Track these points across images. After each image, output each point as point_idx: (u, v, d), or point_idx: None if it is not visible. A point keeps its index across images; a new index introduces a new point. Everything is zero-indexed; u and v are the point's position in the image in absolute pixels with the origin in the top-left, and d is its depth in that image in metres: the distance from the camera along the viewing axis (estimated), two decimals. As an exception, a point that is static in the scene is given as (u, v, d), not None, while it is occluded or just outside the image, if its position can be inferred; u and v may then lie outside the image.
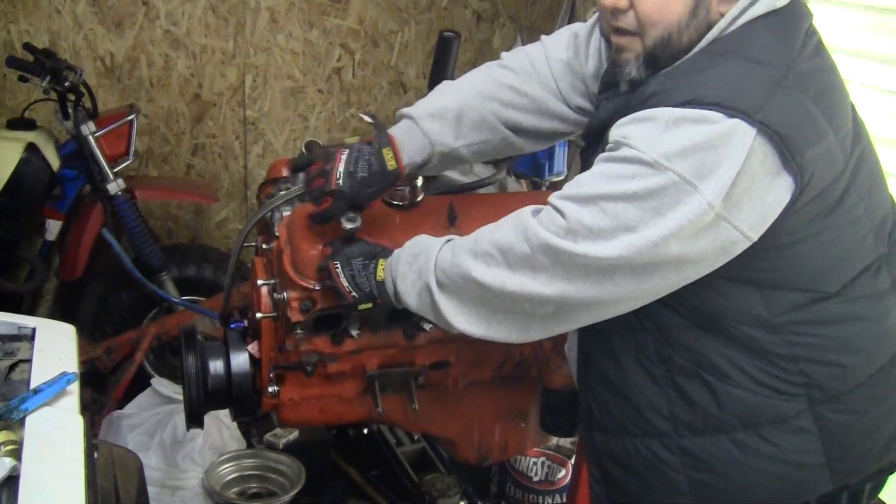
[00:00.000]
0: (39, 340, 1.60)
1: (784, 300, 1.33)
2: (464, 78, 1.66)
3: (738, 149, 1.20)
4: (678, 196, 1.20)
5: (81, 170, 3.03)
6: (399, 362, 1.73)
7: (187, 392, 1.73)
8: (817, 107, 1.27)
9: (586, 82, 1.60)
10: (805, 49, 1.30)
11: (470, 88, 1.63)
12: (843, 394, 1.36)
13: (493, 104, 1.60)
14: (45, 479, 1.23)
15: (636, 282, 1.27)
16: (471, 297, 1.38)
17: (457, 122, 1.59)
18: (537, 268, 1.30)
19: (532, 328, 1.38)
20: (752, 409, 1.35)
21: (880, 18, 2.25)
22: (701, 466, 1.39)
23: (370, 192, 1.53)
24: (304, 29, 3.55)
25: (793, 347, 1.34)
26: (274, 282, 1.68)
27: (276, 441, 2.73)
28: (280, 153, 3.66)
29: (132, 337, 2.95)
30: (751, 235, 1.24)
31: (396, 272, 1.45)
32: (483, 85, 1.62)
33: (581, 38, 1.62)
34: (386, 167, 1.53)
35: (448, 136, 1.59)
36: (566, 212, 1.27)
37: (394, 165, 1.53)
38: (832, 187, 1.29)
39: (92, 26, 3.33)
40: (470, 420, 1.89)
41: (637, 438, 1.44)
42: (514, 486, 2.74)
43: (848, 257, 1.35)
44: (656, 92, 1.29)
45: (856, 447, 1.40)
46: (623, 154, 1.25)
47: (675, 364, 1.39)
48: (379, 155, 1.53)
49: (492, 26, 3.80)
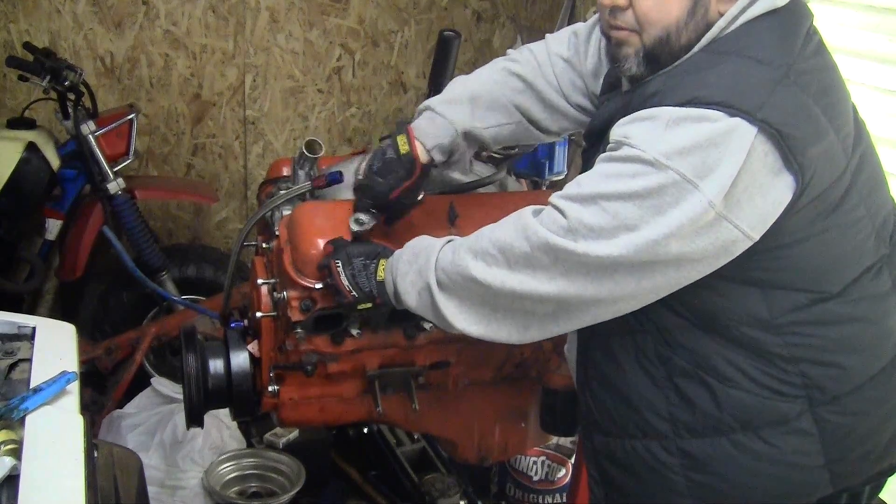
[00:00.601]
0: (39, 340, 1.60)
1: (785, 301, 1.32)
2: (474, 72, 1.68)
3: (739, 147, 1.20)
4: (679, 195, 1.20)
5: (81, 170, 3.03)
6: (399, 362, 1.73)
7: (187, 392, 1.73)
8: (818, 106, 1.27)
9: (585, 80, 1.61)
10: (806, 49, 1.30)
11: (480, 78, 1.65)
12: (843, 395, 1.36)
13: (504, 89, 1.62)
14: (45, 479, 1.23)
15: (636, 281, 1.27)
16: (471, 296, 1.38)
17: (472, 105, 1.60)
18: (537, 267, 1.30)
19: (532, 328, 1.38)
20: (751, 411, 1.35)
21: (880, 18, 2.25)
22: (700, 468, 1.39)
23: (385, 182, 1.53)
24: (304, 29, 3.55)
25: (793, 348, 1.33)
26: (274, 281, 1.68)
27: (276, 441, 2.73)
28: (280, 153, 3.66)
29: (132, 337, 2.95)
30: (752, 235, 1.24)
31: (397, 271, 1.45)
32: (492, 75, 1.65)
33: (581, 36, 1.62)
34: (399, 153, 1.54)
35: (466, 117, 1.59)
36: (567, 211, 1.27)
37: (406, 150, 1.53)
38: (833, 187, 1.29)
39: (92, 26, 3.32)
40: (470, 420, 1.89)
41: (636, 439, 1.44)
42: (514, 486, 2.74)
43: (849, 258, 1.35)
44: (657, 91, 1.29)
45: (856, 449, 1.39)
46: (624, 153, 1.25)
47: (674, 365, 1.38)
48: (394, 142, 1.55)
49: (492, 26, 3.80)
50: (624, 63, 1.37)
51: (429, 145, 1.55)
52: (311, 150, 1.74)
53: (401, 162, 1.53)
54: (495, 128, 1.62)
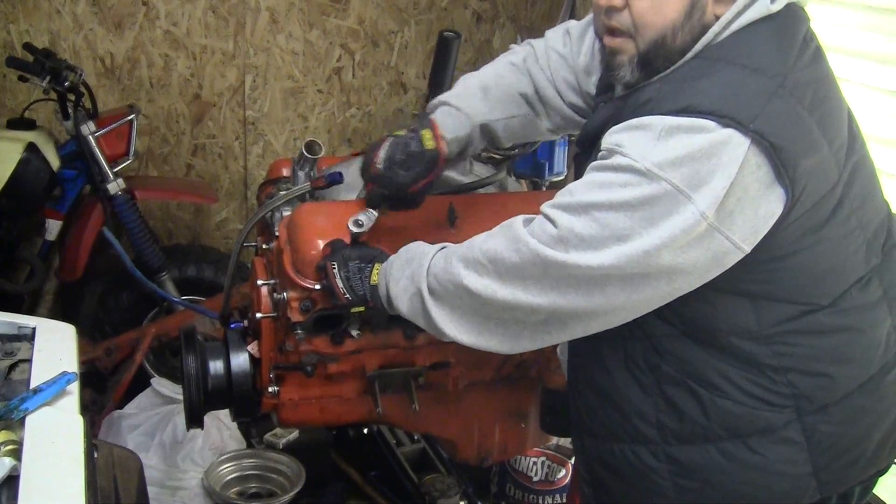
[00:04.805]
0: (39, 340, 1.60)
1: (775, 312, 1.32)
2: (479, 70, 1.69)
3: (732, 159, 1.19)
4: (671, 206, 1.19)
5: (81, 170, 3.03)
6: (399, 363, 1.74)
7: (187, 392, 1.73)
8: (812, 118, 1.25)
9: (578, 78, 1.60)
10: (802, 56, 1.29)
11: (488, 72, 1.66)
12: (831, 405, 1.36)
13: (511, 80, 1.62)
14: (45, 479, 1.23)
15: (627, 293, 1.26)
16: (462, 305, 1.37)
17: (485, 97, 1.60)
18: (527, 278, 1.29)
19: (523, 338, 1.37)
20: (739, 420, 1.35)
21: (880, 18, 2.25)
22: (687, 474, 1.39)
23: (406, 175, 1.52)
24: (304, 29, 3.55)
25: (781, 358, 1.33)
26: (274, 282, 1.68)
27: (276, 441, 2.73)
28: (280, 153, 3.66)
29: (132, 337, 2.95)
30: (743, 247, 1.23)
31: (390, 276, 1.45)
32: (497, 69, 1.66)
33: (574, 34, 1.63)
34: (424, 147, 1.52)
35: (481, 109, 1.59)
36: (557, 220, 1.26)
37: (431, 146, 1.52)
38: (825, 200, 1.28)
39: (92, 26, 3.32)
40: (470, 420, 1.89)
41: (624, 444, 1.44)
42: (514, 486, 2.74)
43: (840, 270, 1.34)
44: (650, 99, 1.28)
45: (843, 457, 1.39)
46: (616, 162, 1.24)
47: (663, 372, 1.38)
48: (418, 138, 1.53)
49: (492, 27, 3.80)
50: (618, 71, 1.36)
51: (447, 138, 1.55)
52: (310, 150, 1.74)
53: (424, 156, 1.52)
54: (506, 119, 1.62)
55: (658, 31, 1.30)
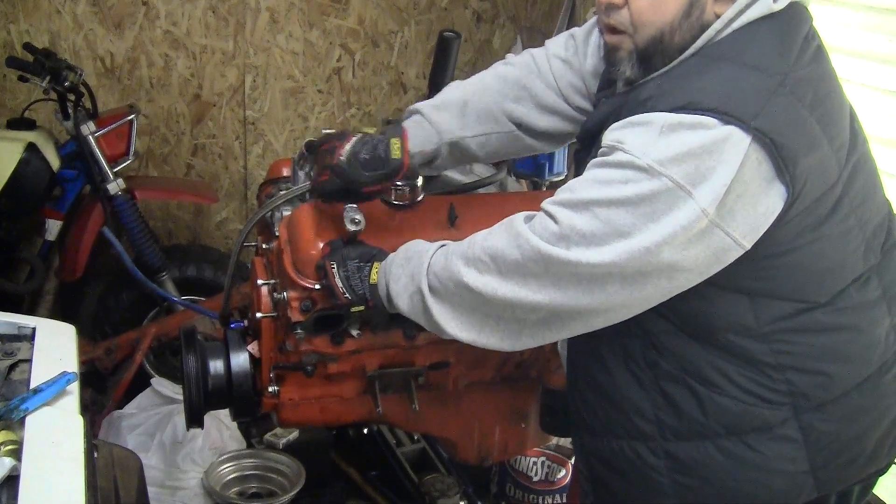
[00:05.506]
0: (39, 340, 1.60)
1: (773, 309, 1.32)
2: (471, 77, 1.68)
3: (733, 156, 1.19)
4: (672, 202, 1.20)
5: (81, 170, 3.03)
6: (399, 363, 1.73)
7: (187, 392, 1.73)
8: (813, 116, 1.26)
9: (585, 81, 1.60)
10: (804, 55, 1.29)
11: (474, 84, 1.65)
12: (828, 403, 1.36)
13: (497, 97, 1.61)
14: (45, 479, 1.23)
15: (627, 290, 1.26)
16: (462, 302, 1.37)
17: (461, 113, 1.60)
18: (528, 275, 1.29)
19: (523, 336, 1.37)
20: (737, 417, 1.35)
21: (880, 18, 2.25)
22: (685, 471, 1.39)
23: (367, 176, 1.50)
24: (304, 29, 3.55)
25: (779, 356, 1.33)
26: (274, 282, 1.68)
27: (276, 441, 2.73)
28: (280, 153, 3.66)
29: (132, 337, 2.95)
30: (743, 244, 1.24)
31: (389, 275, 1.44)
32: (486, 80, 1.65)
33: (579, 38, 1.63)
34: (390, 155, 1.51)
35: (454, 125, 1.59)
36: (559, 217, 1.27)
37: (398, 156, 1.51)
38: (824, 198, 1.29)
39: (92, 26, 3.33)
40: (470, 420, 1.89)
41: (622, 440, 1.44)
42: (514, 486, 2.74)
43: (838, 268, 1.34)
44: (651, 96, 1.29)
45: (841, 456, 1.39)
46: (617, 159, 1.24)
47: (661, 369, 1.38)
48: (386, 143, 1.52)
49: (492, 27, 3.80)
50: (619, 66, 1.37)
51: (413, 148, 1.55)
52: (310, 150, 1.74)
53: (390, 163, 1.51)
54: (482, 136, 1.62)
55: (656, 28, 1.30)
